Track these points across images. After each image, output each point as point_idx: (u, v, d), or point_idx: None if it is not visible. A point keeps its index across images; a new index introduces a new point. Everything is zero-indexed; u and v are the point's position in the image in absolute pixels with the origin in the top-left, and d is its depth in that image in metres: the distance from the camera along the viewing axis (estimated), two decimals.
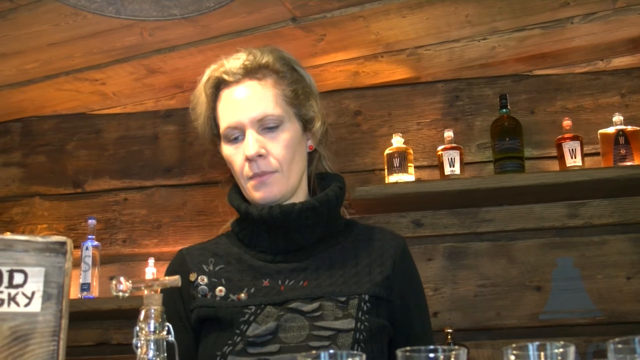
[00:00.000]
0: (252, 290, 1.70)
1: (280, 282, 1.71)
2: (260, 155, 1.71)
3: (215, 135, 1.82)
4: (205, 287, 1.73)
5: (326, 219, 1.75)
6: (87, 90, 3.45)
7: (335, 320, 1.62)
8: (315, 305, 1.65)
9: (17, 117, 3.73)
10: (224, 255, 1.79)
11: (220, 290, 1.72)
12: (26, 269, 1.12)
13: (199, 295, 1.72)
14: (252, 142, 1.70)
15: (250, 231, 1.77)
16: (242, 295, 1.70)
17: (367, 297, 1.67)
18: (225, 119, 1.75)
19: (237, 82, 1.75)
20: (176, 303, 1.74)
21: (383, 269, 1.74)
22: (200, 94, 1.81)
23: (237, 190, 1.82)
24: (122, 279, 1.37)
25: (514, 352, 0.81)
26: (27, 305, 1.09)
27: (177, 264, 1.81)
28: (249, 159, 1.71)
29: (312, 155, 1.87)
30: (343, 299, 1.66)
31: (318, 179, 1.86)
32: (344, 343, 1.59)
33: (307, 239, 1.74)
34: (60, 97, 3.52)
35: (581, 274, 3.13)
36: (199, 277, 1.75)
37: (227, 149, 1.77)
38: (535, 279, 3.14)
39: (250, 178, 1.73)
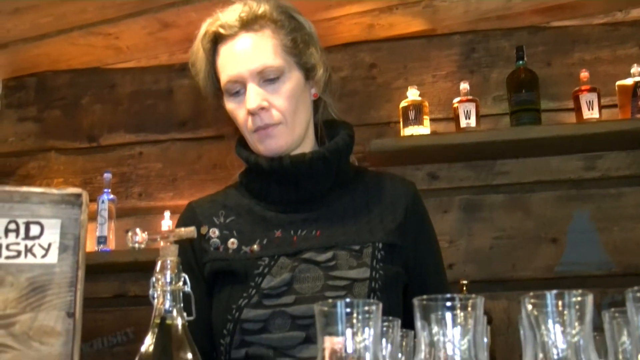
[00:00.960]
0: (265, 241, 1.69)
1: (292, 232, 1.70)
2: (262, 109, 1.68)
3: (217, 90, 1.80)
4: (217, 240, 1.73)
5: (336, 168, 1.74)
6: (101, 45, 3.44)
7: (349, 269, 1.62)
8: (329, 254, 1.64)
9: (32, 72, 3.73)
10: (235, 207, 1.77)
11: (232, 243, 1.71)
12: (42, 220, 1.12)
13: (211, 249, 1.72)
14: (254, 96, 1.68)
15: (260, 182, 1.76)
16: (255, 247, 1.69)
17: (380, 245, 1.67)
18: (225, 73, 1.73)
19: (234, 35, 1.72)
20: (188, 257, 1.73)
21: (395, 216, 1.73)
22: (198, 49, 1.79)
23: (244, 142, 1.80)
24: (137, 230, 1.37)
25: (532, 300, 0.80)
26: (43, 256, 1.10)
27: (188, 218, 1.80)
28: (251, 113, 1.69)
29: (317, 104, 1.84)
30: (357, 247, 1.66)
31: (325, 127, 1.83)
32: (359, 292, 1.59)
33: (318, 188, 1.73)
34: (75, 52, 3.51)
35: (597, 227, 3.12)
36: (210, 230, 1.74)
37: (229, 104, 1.75)
38: (551, 232, 3.13)
39: (254, 131, 1.72)
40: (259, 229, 1.72)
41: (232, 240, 1.72)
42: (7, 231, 1.10)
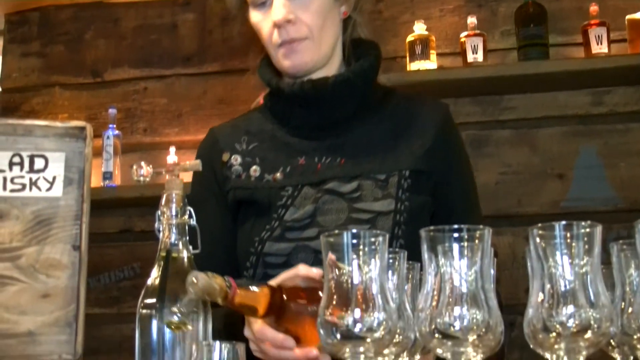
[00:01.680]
0: (288, 169, 1.64)
1: (316, 159, 1.64)
2: (288, 21, 1.61)
3: (242, 1, 1.72)
4: (239, 167, 1.68)
5: (362, 91, 1.67)
6: None
7: (374, 201, 1.58)
8: (353, 185, 1.60)
9: (35, 6, 3.68)
10: (257, 133, 1.72)
11: (254, 170, 1.66)
12: (47, 154, 1.11)
13: (233, 176, 1.67)
14: (280, 7, 1.60)
15: (283, 106, 1.70)
16: (278, 175, 1.64)
17: (407, 173, 1.61)
18: None
19: None
20: (211, 184, 1.69)
21: (424, 141, 1.65)
22: None
23: (268, 63, 1.72)
24: (142, 163, 1.37)
25: (540, 232, 0.80)
26: (48, 189, 1.09)
27: (209, 144, 1.75)
28: (277, 25, 1.62)
29: (346, 23, 1.74)
30: (382, 177, 1.60)
31: (353, 47, 1.74)
32: (383, 226, 1.55)
33: (342, 113, 1.66)
34: None
35: (604, 162, 3.10)
36: (232, 157, 1.69)
37: (254, 15, 1.67)
38: (557, 167, 3.12)
39: (280, 45, 1.64)
40: (282, 155, 1.67)
41: (254, 167, 1.67)
42: (11, 164, 1.10)
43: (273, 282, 1.26)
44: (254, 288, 1.14)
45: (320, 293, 1.15)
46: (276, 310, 1.17)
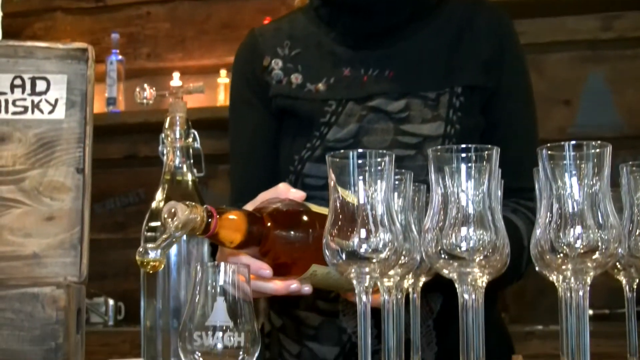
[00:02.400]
0: (332, 80, 1.54)
1: (362, 71, 1.54)
2: None
3: None
4: (280, 72, 1.58)
5: None
6: None
7: (422, 123, 1.48)
8: (401, 103, 1.50)
9: None
10: (301, 38, 1.60)
11: (296, 78, 1.56)
12: (48, 76, 1.09)
13: (273, 82, 1.58)
14: None
15: (330, 8, 1.58)
16: (321, 85, 1.54)
17: (460, 90, 1.50)
18: None
19: None
20: (251, 92, 1.62)
21: (480, 52, 1.53)
22: None
23: None
24: (146, 86, 1.35)
25: (549, 152, 0.79)
26: (50, 112, 1.08)
27: (249, 48, 1.65)
28: None
29: None
30: (433, 95, 1.50)
31: None
32: None
33: (394, 20, 1.54)
34: None
35: (611, 89, 3.08)
36: (273, 62, 1.59)
37: None
38: (564, 93, 3.10)
39: None
40: (326, 64, 1.56)
41: (296, 75, 1.57)
42: (12, 87, 1.08)
43: (249, 206, 1.19)
44: (233, 217, 1.06)
45: (304, 217, 1.13)
46: (258, 240, 1.09)
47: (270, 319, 1.59)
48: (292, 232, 1.11)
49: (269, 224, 1.10)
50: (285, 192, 1.18)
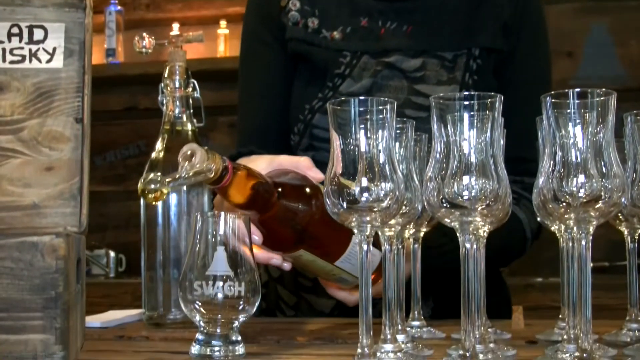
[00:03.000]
0: (348, 29, 1.51)
1: (380, 23, 1.50)
2: None
3: None
4: (297, 14, 1.54)
5: None
6: None
7: (437, 85, 1.47)
8: (417, 62, 1.48)
9: None
10: None
11: (312, 22, 1.53)
12: (46, 24, 1.08)
13: (290, 23, 1.55)
14: None
15: None
16: (336, 34, 1.51)
17: (477, 52, 1.48)
18: None
19: None
20: (266, 32, 1.58)
21: (501, 13, 1.50)
22: None
23: None
24: (144, 34, 1.34)
25: (553, 100, 0.78)
26: (49, 61, 1.07)
27: None
28: None
29: None
30: (450, 56, 1.48)
31: None
32: None
33: None
34: None
35: (614, 40, 3.05)
36: (290, 2, 1.55)
37: None
38: (566, 45, 3.07)
39: None
40: (344, 12, 1.53)
41: (312, 19, 1.53)
42: (10, 35, 1.07)
43: (265, 164, 1.17)
44: (246, 178, 1.04)
45: (312, 201, 1.10)
46: (261, 207, 1.08)
47: (267, 270, 1.59)
48: (294, 212, 1.11)
49: (276, 196, 1.09)
50: (306, 168, 1.16)
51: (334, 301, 1.46)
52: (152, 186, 0.95)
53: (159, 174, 0.96)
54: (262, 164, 1.17)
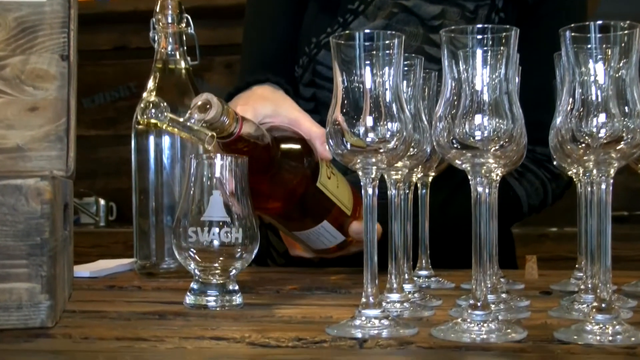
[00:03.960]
0: None
1: None
2: None
3: None
4: None
5: None
6: None
7: None
8: (436, 9, 1.46)
9: None
10: None
11: None
12: None
13: None
14: None
15: None
16: None
17: (501, 5, 1.46)
18: None
19: None
20: None
21: None
22: None
23: None
24: None
25: (573, 33, 0.76)
26: None
27: None
28: None
29: None
30: (471, 6, 1.46)
31: None
32: None
33: None
34: None
35: None
36: None
37: None
38: None
39: None
40: None
41: None
42: None
43: (267, 110, 1.18)
44: (254, 135, 1.04)
45: (310, 181, 1.14)
46: (264, 167, 1.09)
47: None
48: (288, 179, 1.13)
49: (276, 161, 1.10)
50: (318, 141, 1.15)
51: None
52: (152, 112, 0.94)
53: (165, 103, 0.95)
54: (267, 109, 1.18)
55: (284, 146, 1.12)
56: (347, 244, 1.26)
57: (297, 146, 1.14)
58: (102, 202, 3.51)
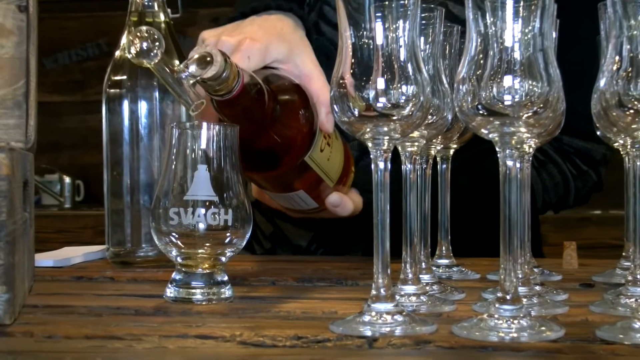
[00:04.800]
0: None
1: None
2: None
3: None
4: None
5: None
6: None
7: None
8: None
9: None
10: None
11: None
12: None
13: None
14: None
15: None
16: None
17: None
18: None
19: None
20: None
21: None
22: None
23: None
24: None
25: None
26: None
27: None
28: None
29: None
30: None
31: None
32: None
33: None
34: None
35: None
36: None
37: None
38: None
39: None
40: None
41: None
42: None
43: (283, 50, 1.18)
44: (251, 95, 1.04)
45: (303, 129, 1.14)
46: (252, 133, 1.09)
47: None
48: (276, 150, 1.14)
49: (269, 127, 1.11)
50: (324, 106, 1.15)
51: (311, 233, 1.56)
52: (143, 45, 0.93)
53: (162, 38, 0.94)
54: (281, 51, 1.18)
55: (281, 110, 1.11)
56: (320, 210, 1.28)
57: (297, 113, 1.14)
58: (67, 179, 3.52)
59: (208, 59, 0.95)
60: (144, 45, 0.94)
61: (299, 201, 1.25)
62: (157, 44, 0.94)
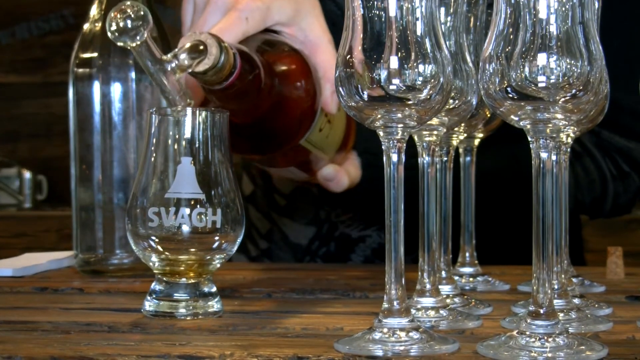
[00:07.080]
0: None
1: None
2: None
3: None
4: None
5: None
6: None
7: None
8: None
9: None
10: None
11: None
12: None
13: None
14: None
15: None
16: None
17: None
18: None
19: None
20: None
21: None
22: None
23: None
24: None
25: None
26: None
27: None
28: None
29: None
30: None
31: None
32: None
33: None
34: None
35: None
36: None
37: None
38: None
39: None
40: None
41: None
42: None
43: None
44: (249, 77, 1.06)
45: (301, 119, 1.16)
46: (246, 114, 1.12)
47: None
48: (270, 134, 1.16)
49: (265, 108, 1.12)
50: (330, 82, 1.16)
51: (313, 228, 1.57)
52: (127, 22, 0.94)
53: (145, 23, 0.94)
54: (285, 14, 1.18)
55: (278, 93, 1.12)
56: (310, 182, 1.31)
57: (296, 96, 1.14)
58: (27, 174, 3.52)
59: (201, 47, 0.96)
60: (128, 23, 0.94)
61: (288, 173, 1.34)
62: (143, 22, 0.94)
